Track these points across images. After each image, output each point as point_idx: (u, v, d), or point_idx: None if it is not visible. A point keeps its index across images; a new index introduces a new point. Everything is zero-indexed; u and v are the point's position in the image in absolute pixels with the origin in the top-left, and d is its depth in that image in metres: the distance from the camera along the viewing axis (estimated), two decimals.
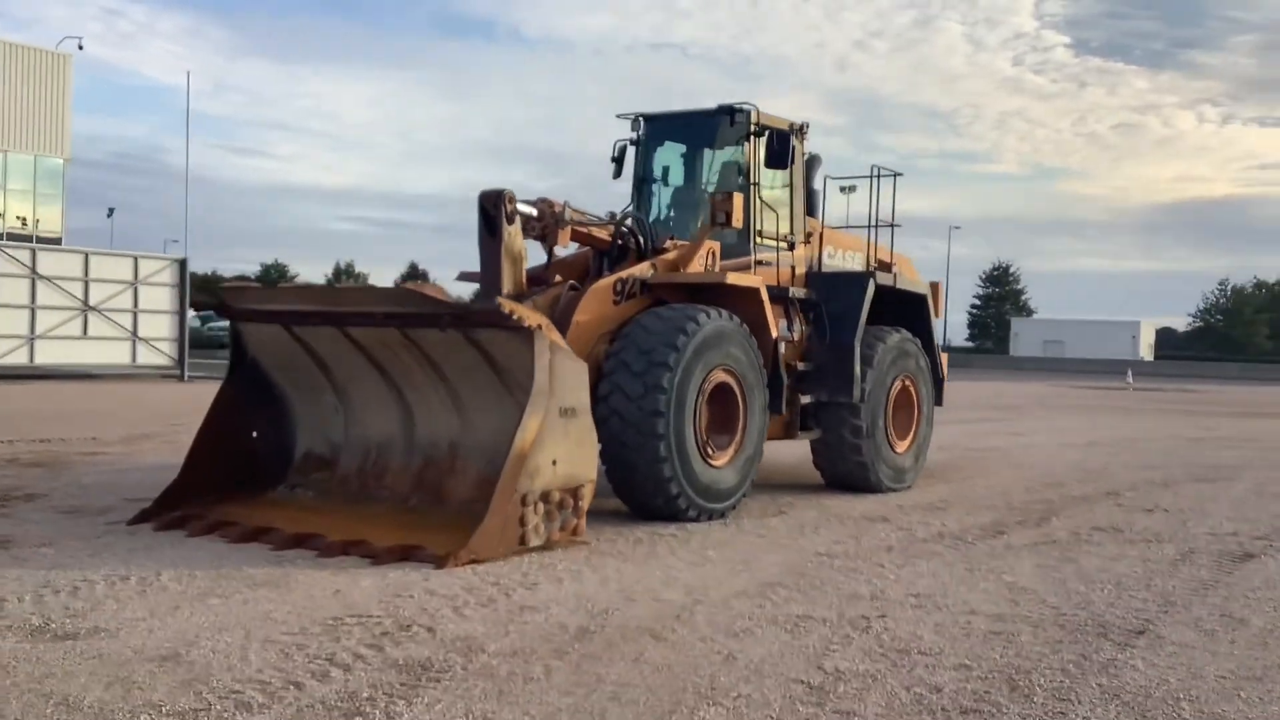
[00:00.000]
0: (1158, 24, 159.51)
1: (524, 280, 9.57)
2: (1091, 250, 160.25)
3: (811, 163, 12.04)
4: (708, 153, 11.59)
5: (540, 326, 7.92)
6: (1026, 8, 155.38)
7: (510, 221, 9.35)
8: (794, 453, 12.81)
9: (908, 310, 12.33)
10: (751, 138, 11.06)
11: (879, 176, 11.85)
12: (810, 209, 11.95)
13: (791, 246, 11.45)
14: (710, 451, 9.44)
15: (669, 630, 5.94)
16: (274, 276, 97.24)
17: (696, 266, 10.38)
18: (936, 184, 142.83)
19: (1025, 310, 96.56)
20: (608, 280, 9.73)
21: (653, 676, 5.13)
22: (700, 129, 11.50)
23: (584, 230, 10.13)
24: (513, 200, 9.37)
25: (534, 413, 7.80)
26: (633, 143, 11.75)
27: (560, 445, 8.01)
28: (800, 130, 11.50)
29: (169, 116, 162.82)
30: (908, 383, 12.04)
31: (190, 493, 8.86)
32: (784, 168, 10.95)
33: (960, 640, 5.95)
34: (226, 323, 9.68)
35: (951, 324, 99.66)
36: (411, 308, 8.15)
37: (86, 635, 5.50)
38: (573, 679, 5.06)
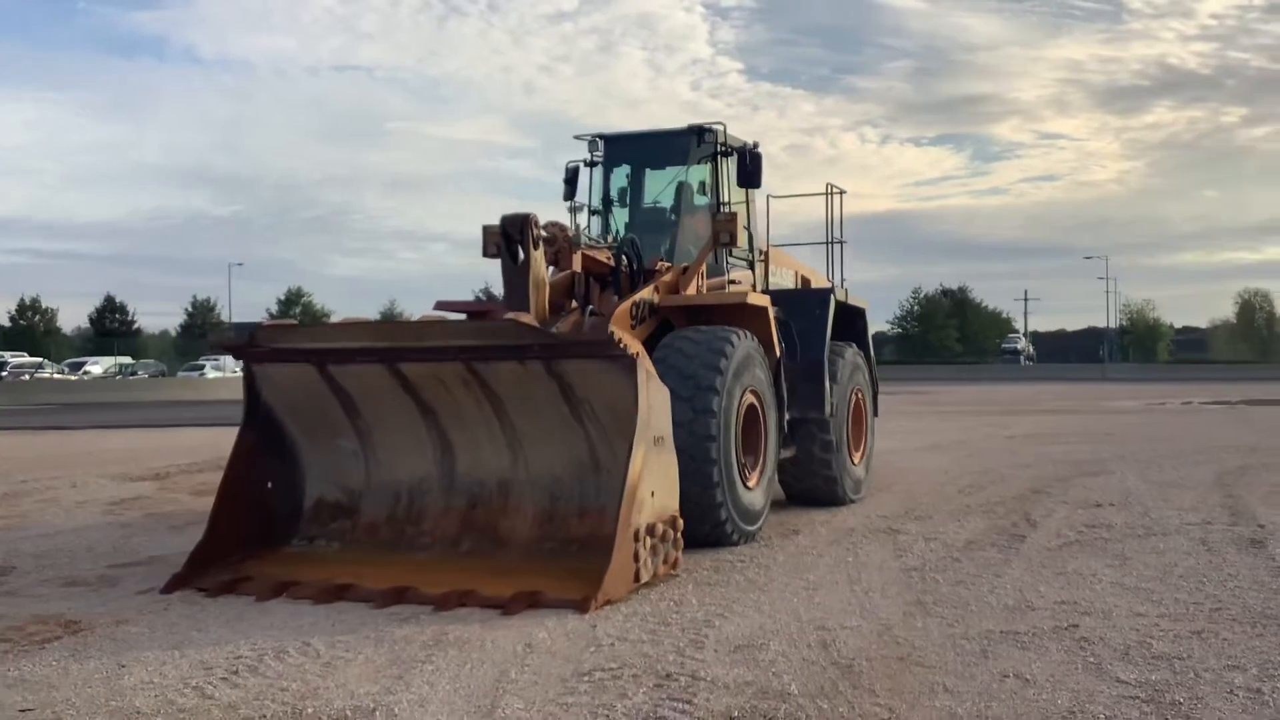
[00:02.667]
0: (821, 51, 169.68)
1: (546, 306, 9.20)
2: None
3: None
4: (673, 172, 11.45)
5: (639, 354, 7.64)
6: (702, 35, 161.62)
7: (536, 246, 8.99)
8: None
9: (848, 324, 12.55)
10: (719, 157, 11.03)
11: (831, 195, 12.04)
12: None
13: (751, 265, 11.48)
14: (746, 474, 9.34)
15: (921, 657, 5.83)
16: None
17: (692, 288, 10.26)
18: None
19: None
20: (625, 305, 9.49)
21: (1000, 707, 5.04)
22: (667, 149, 11.38)
23: (589, 254, 9.84)
24: (538, 225, 9.02)
25: (639, 444, 7.52)
26: (587, 164, 11.50)
27: (655, 476, 7.74)
28: (755, 149, 11.53)
29: None
30: (859, 396, 12.28)
31: (216, 552, 8.11)
32: (757, 186, 11.02)
33: (1179, 642, 6.09)
34: None
35: None
36: (519, 339, 7.70)
37: (362, 716, 4.93)
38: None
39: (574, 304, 9.66)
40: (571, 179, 11.57)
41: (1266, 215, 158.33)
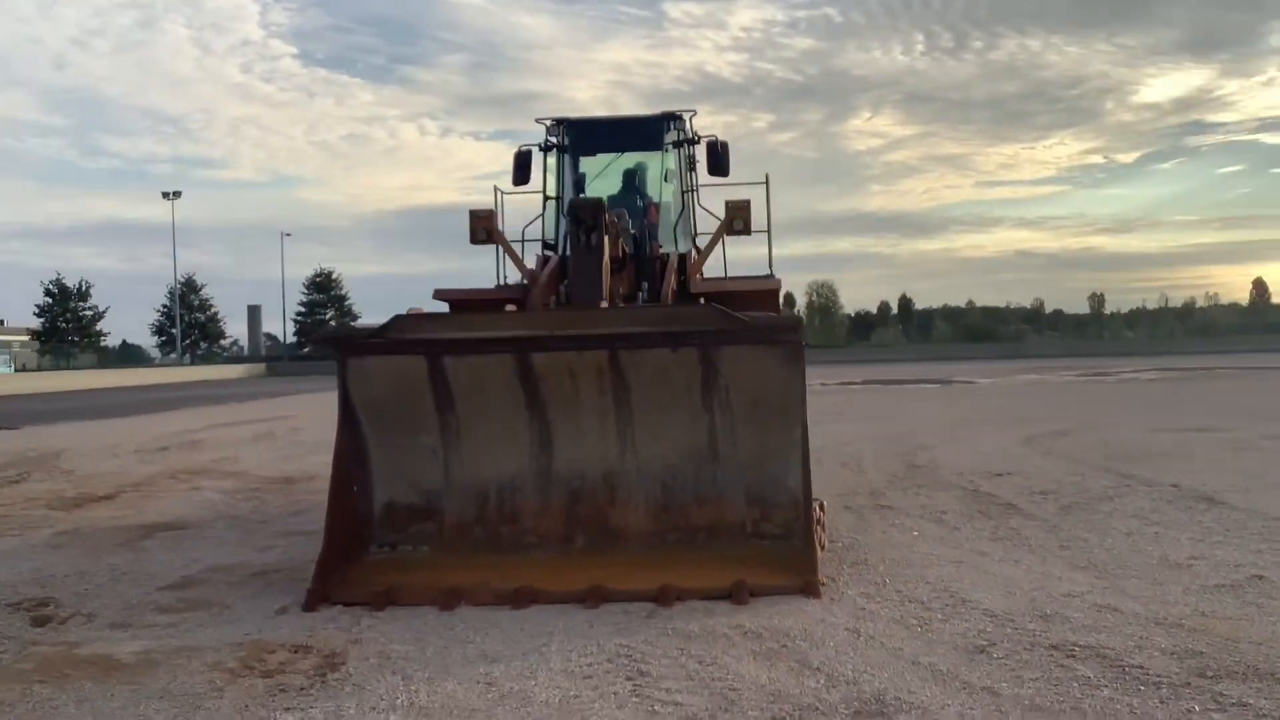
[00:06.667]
0: (378, 40, 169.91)
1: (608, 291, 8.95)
2: (335, 256, 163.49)
3: None
4: (638, 158, 11.32)
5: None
6: (253, 16, 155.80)
7: (607, 232, 8.73)
8: None
9: None
10: (686, 144, 11.05)
11: (768, 184, 12.26)
12: None
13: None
14: None
15: (1245, 618, 6.18)
16: None
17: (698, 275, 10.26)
18: (170, 189, 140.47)
19: (351, 315, 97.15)
20: (669, 291, 9.39)
21: None
22: (638, 135, 11.24)
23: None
24: (608, 210, 8.77)
25: (808, 430, 7.54)
26: (542, 148, 11.18)
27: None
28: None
29: None
30: None
31: (334, 563, 7.45)
32: (726, 174, 11.08)
33: None
34: None
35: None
36: (722, 325, 7.42)
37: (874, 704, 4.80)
38: None
39: (623, 290, 9.41)
40: (524, 163, 11.23)
41: (788, 214, 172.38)
